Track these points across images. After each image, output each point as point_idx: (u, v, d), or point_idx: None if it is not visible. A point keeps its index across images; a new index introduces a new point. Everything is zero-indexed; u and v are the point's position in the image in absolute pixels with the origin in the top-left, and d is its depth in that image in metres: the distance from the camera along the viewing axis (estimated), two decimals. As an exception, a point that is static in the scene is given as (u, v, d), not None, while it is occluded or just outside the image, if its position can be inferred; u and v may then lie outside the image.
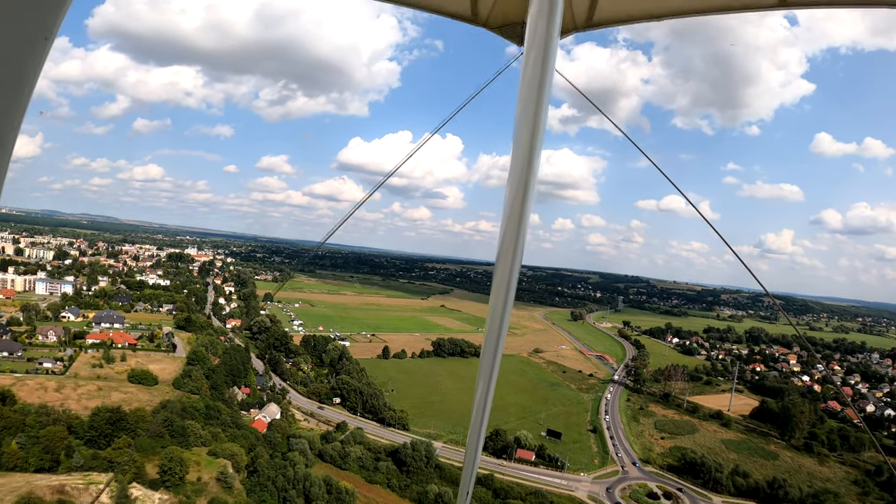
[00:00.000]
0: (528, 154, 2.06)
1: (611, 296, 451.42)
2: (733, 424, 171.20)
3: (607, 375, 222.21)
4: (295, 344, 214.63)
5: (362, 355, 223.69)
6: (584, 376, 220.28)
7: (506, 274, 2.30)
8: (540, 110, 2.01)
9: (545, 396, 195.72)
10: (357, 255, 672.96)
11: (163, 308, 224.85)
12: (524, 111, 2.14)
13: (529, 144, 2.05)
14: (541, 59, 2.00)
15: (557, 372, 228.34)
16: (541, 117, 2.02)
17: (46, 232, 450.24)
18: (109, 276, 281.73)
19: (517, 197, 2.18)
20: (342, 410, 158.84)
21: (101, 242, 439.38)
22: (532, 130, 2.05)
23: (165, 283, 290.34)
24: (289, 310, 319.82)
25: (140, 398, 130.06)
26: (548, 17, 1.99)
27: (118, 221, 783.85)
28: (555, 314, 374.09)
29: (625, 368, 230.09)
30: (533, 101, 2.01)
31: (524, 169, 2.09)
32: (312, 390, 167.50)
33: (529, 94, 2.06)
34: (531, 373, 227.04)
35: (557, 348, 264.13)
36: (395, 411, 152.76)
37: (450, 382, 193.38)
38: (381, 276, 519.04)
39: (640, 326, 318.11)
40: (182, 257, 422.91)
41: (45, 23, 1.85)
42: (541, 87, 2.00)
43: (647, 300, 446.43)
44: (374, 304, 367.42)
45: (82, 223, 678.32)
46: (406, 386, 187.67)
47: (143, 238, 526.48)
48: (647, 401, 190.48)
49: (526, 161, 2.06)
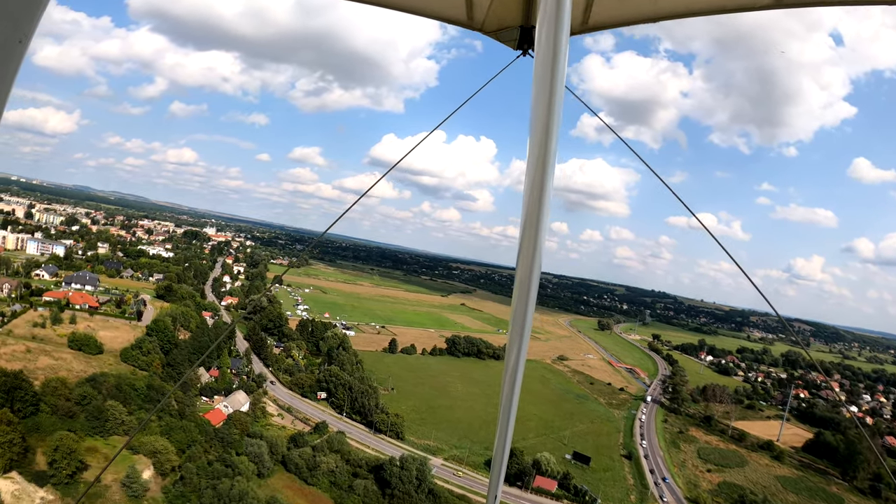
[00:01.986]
0: (542, 158, 2.05)
1: (637, 309, 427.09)
2: (786, 458, 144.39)
3: (639, 391, 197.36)
4: (290, 328, 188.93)
5: (365, 347, 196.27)
6: (614, 390, 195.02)
7: (526, 279, 2.29)
8: (553, 114, 2.00)
9: (570, 410, 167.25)
10: (381, 250, 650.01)
11: (152, 278, 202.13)
12: (537, 115, 2.13)
13: (544, 149, 2.04)
14: (551, 62, 1.98)
15: (584, 383, 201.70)
16: (554, 121, 2.01)
17: (70, 203, 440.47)
18: (111, 245, 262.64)
19: (533, 201, 2.21)
20: (326, 408, 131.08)
21: (120, 216, 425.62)
22: (545, 135, 2.03)
23: (168, 255, 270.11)
24: (297, 294, 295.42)
25: (72, 367, 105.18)
26: (556, 19, 1.97)
27: (148, 201, 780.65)
28: (580, 322, 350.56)
29: (659, 385, 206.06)
30: (545, 105, 2.01)
31: (539, 174, 2.10)
32: (297, 381, 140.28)
33: (541, 97, 2.05)
34: (555, 381, 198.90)
35: (584, 357, 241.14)
36: (389, 415, 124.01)
37: (461, 386, 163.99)
38: (402, 271, 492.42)
39: (670, 341, 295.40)
40: (198, 235, 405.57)
41: (20, 26, 1.81)
42: (552, 90, 1.98)
43: (675, 316, 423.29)
44: (391, 296, 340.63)
45: (110, 199, 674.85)
46: (409, 385, 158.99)
47: (167, 217, 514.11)
48: (687, 423, 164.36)
49: (541, 166, 2.06)
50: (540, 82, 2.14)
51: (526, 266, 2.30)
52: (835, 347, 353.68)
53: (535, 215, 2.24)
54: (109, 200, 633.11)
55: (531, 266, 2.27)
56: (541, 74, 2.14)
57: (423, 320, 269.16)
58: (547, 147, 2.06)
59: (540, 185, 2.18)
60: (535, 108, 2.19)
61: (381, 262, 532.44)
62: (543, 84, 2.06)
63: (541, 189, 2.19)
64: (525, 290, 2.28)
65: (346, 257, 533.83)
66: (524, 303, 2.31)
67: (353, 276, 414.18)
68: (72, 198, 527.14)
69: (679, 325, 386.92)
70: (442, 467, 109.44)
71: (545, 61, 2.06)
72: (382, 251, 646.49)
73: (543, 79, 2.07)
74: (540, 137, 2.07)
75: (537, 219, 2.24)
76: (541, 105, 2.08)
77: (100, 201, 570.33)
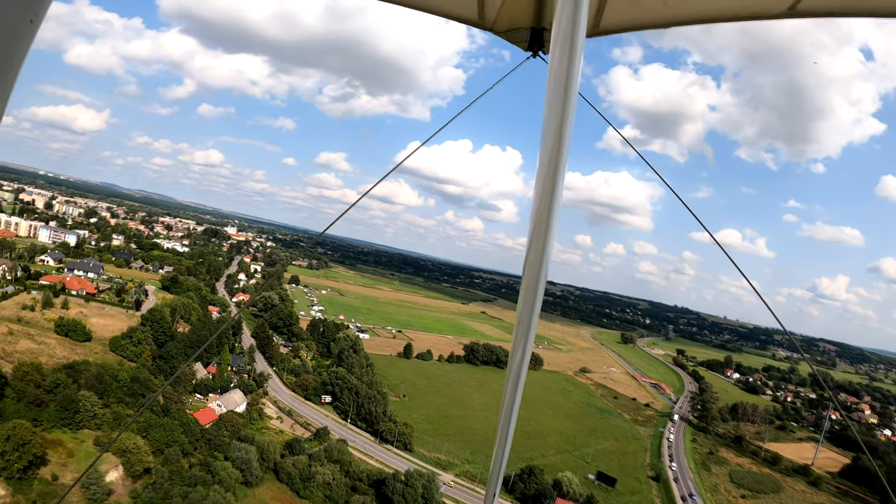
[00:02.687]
0: (555, 161, 2.02)
1: (660, 324, 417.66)
2: (823, 484, 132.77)
3: (665, 407, 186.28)
4: (301, 328, 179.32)
5: (378, 350, 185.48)
6: (639, 405, 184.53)
7: (532, 286, 2.26)
8: (566, 116, 1.98)
9: (593, 426, 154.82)
10: (403, 257, 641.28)
11: (162, 271, 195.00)
12: (549, 119, 2.11)
13: (556, 153, 2.02)
14: (566, 64, 1.97)
15: (608, 397, 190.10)
16: (567, 123, 2.00)
17: (93, 198, 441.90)
18: (126, 237, 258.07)
19: (543, 208, 2.16)
20: (330, 413, 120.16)
21: (142, 213, 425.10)
22: (558, 138, 2.01)
23: (184, 250, 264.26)
24: (313, 295, 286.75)
25: (54, 353, 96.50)
26: (571, 22, 1.96)
27: (174, 201, 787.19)
28: (603, 335, 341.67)
29: (686, 402, 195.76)
30: (559, 107, 2.00)
31: (549, 176, 2.06)
32: (301, 382, 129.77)
33: (555, 99, 2.03)
34: (577, 395, 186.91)
35: (607, 370, 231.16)
36: (397, 424, 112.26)
37: (478, 395, 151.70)
38: (423, 277, 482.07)
39: (695, 357, 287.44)
40: (217, 233, 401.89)
41: (32, 5, 1.80)
42: (567, 92, 1.97)
43: (698, 332, 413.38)
44: (410, 301, 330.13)
45: (135, 196, 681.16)
46: (422, 393, 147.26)
47: (191, 216, 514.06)
48: (717, 443, 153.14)
49: (553, 169, 2.03)
50: (554, 85, 2.11)
51: (533, 272, 2.24)
52: (861, 368, 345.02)
53: (544, 222, 2.16)
54: (135, 198, 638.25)
55: (538, 272, 2.21)
56: (555, 77, 2.11)
57: (441, 327, 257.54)
58: (559, 151, 2.01)
59: (550, 191, 2.10)
60: (548, 111, 2.16)
61: (402, 268, 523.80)
62: (557, 88, 2.03)
63: (551, 195, 2.11)
64: (531, 297, 2.24)
65: (368, 262, 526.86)
66: (529, 309, 2.30)
67: (373, 280, 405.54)
68: (97, 194, 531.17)
69: (702, 341, 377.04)
70: (452, 485, 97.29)
71: (560, 64, 2.04)
72: (404, 258, 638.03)
73: (557, 82, 2.04)
74: (552, 141, 2.04)
75: (546, 225, 2.16)
76: (554, 109, 2.05)
77: (125, 199, 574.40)
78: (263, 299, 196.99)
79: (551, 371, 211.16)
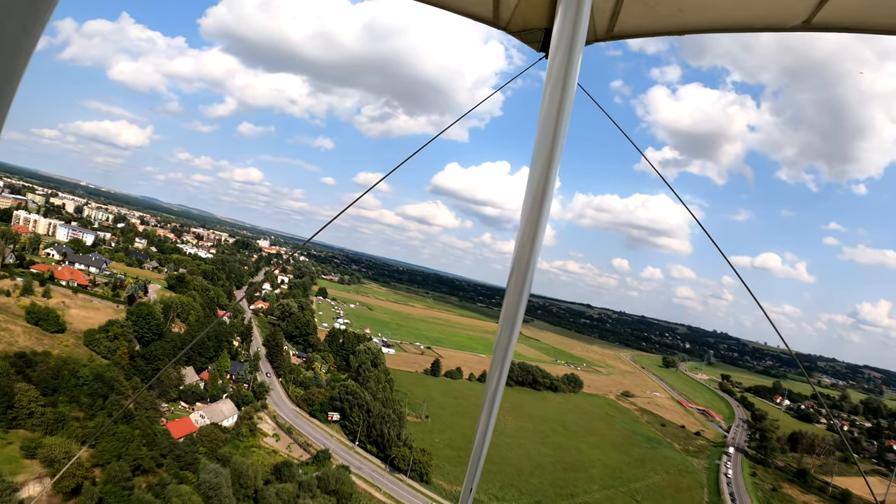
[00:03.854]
0: (546, 163, 2.00)
1: (701, 348, 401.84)
2: None
3: (717, 436, 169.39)
4: (318, 338, 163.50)
5: (404, 366, 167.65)
6: (689, 434, 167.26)
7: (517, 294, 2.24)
8: (561, 118, 1.97)
9: (641, 457, 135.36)
10: (438, 277, 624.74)
11: (175, 273, 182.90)
12: (546, 118, 2.10)
13: (549, 155, 2.00)
14: (564, 66, 1.97)
15: (654, 424, 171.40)
16: (562, 126, 1.98)
17: (129, 208, 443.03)
18: (149, 241, 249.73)
19: (533, 206, 2.14)
20: (338, 433, 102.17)
21: (175, 223, 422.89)
22: (552, 140, 1.99)
23: (207, 255, 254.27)
24: (340, 307, 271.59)
25: (15, 341, 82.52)
26: (573, 24, 1.96)
27: (212, 216, 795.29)
28: (643, 358, 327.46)
29: (740, 430, 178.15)
30: (555, 109, 1.98)
31: (541, 178, 2.04)
32: (308, 396, 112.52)
33: (552, 101, 2.01)
34: (621, 421, 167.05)
35: (651, 395, 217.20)
36: (413, 450, 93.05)
37: (511, 419, 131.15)
38: (458, 297, 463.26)
39: (740, 383, 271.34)
40: (249, 245, 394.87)
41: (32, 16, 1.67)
42: (563, 94, 1.96)
43: (740, 358, 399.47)
44: (442, 319, 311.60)
45: (173, 209, 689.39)
46: (448, 414, 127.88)
47: (226, 230, 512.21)
48: (778, 478, 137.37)
49: (544, 170, 2.01)
50: (551, 87, 2.07)
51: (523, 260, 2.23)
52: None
53: (532, 222, 2.11)
54: (173, 211, 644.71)
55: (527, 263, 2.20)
56: (553, 79, 2.08)
57: (474, 345, 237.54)
58: (552, 151, 1.98)
59: (541, 194, 2.04)
60: (544, 112, 2.12)
61: (437, 287, 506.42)
62: (554, 90, 2.00)
63: (541, 198, 2.05)
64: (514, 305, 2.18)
65: (402, 280, 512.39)
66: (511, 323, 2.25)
67: (406, 297, 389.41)
68: (136, 206, 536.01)
69: (745, 366, 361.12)
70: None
71: (559, 65, 2.02)
72: (440, 277, 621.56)
73: (555, 84, 2.01)
74: (547, 143, 2.01)
75: (534, 228, 2.10)
76: (550, 111, 2.01)
77: (164, 212, 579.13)
78: (281, 307, 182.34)
79: (592, 394, 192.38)
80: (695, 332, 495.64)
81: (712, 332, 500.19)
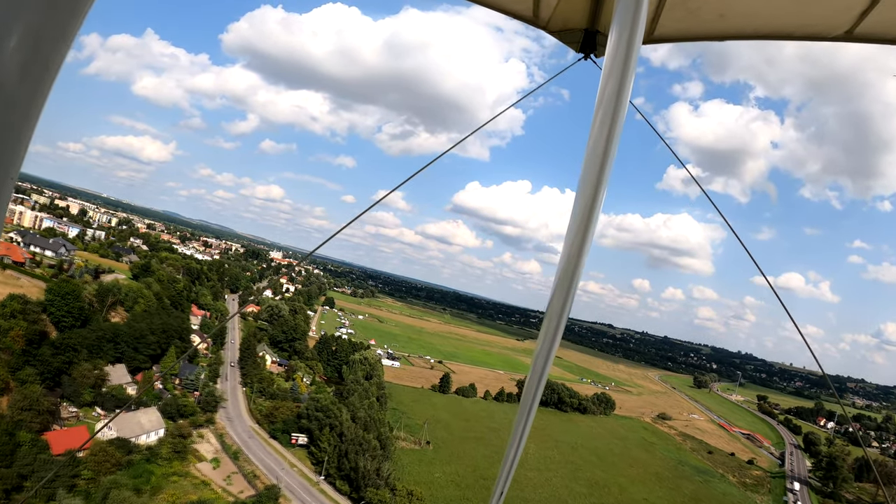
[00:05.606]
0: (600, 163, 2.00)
1: (728, 369, 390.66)
2: None
3: (771, 465, 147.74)
4: (307, 345, 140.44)
5: (407, 381, 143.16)
6: (741, 462, 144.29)
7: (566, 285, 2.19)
8: (617, 121, 1.97)
9: (695, 494, 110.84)
10: (457, 295, 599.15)
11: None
12: (599, 121, 2.10)
13: (602, 154, 2.00)
14: (620, 68, 1.96)
15: (700, 451, 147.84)
16: (617, 127, 1.98)
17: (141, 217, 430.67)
18: (143, 240, 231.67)
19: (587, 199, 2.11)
20: (303, 461, 77.43)
21: (187, 232, 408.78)
22: (606, 141, 2.00)
23: (203, 257, 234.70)
24: (347, 318, 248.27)
25: None
26: (631, 26, 1.95)
27: (232, 231, 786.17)
28: (672, 378, 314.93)
29: (794, 457, 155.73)
30: (610, 111, 1.98)
31: (596, 176, 2.04)
32: (271, 411, 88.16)
33: (609, 102, 2.01)
34: (662, 448, 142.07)
35: (688, 417, 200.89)
36: (395, 491, 67.68)
37: (534, 447, 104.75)
38: (476, 314, 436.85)
39: (778, 404, 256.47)
40: (258, 255, 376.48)
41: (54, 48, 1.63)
42: (619, 95, 1.96)
43: (769, 379, 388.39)
44: (458, 334, 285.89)
45: (193, 223, 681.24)
46: (456, 440, 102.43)
47: (244, 244, 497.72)
48: None
49: (597, 172, 2.02)
50: (606, 90, 2.08)
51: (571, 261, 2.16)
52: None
53: (583, 227, 2.09)
54: (193, 225, 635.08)
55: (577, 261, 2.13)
56: (609, 81, 2.07)
57: (491, 360, 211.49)
58: (606, 152, 1.99)
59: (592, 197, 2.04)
60: (598, 115, 2.13)
61: (456, 304, 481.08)
62: (610, 92, 2.01)
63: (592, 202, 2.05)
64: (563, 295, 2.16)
65: (419, 297, 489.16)
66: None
67: (422, 312, 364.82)
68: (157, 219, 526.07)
69: (776, 388, 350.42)
70: None
71: (615, 68, 2.01)
72: (458, 295, 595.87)
73: (611, 86, 2.01)
74: (601, 144, 2.01)
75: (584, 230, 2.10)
76: (604, 113, 2.02)
77: (184, 226, 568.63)
78: (270, 309, 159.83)
79: (625, 416, 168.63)
80: (719, 352, 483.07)
81: (737, 353, 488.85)
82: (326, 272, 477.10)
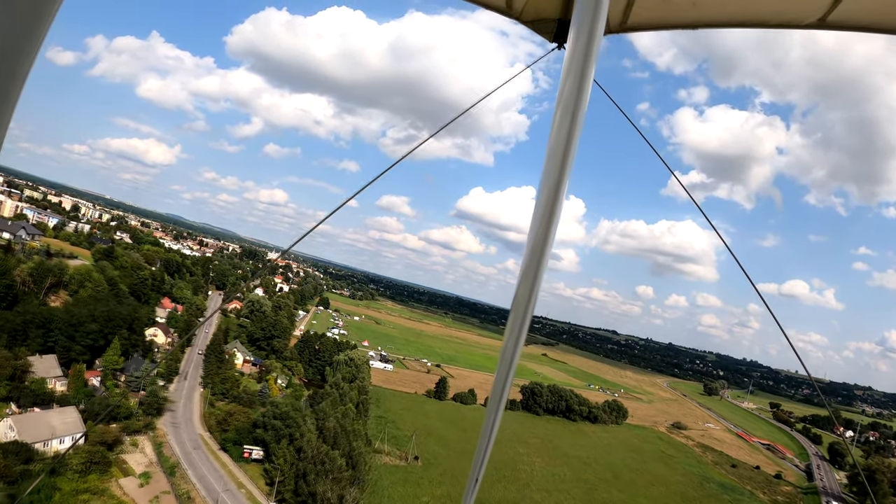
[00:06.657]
0: (562, 153, 1.99)
1: (735, 376, 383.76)
2: None
3: (799, 479, 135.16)
4: (286, 343, 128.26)
5: (399, 385, 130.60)
6: (768, 477, 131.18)
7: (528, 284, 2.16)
8: (578, 111, 1.95)
9: None
10: (460, 300, 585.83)
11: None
12: (565, 107, 2.07)
13: (564, 143, 1.98)
14: (582, 58, 1.94)
15: (723, 465, 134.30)
16: (579, 114, 1.96)
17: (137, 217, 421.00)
18: (129, 234, 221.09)
19: (549, 195, 2.08)
20: (254, 480, 64.69)
21: (185, 232, 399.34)
22: (569, 128, 1.97)
23: (192, 253, 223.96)
24: (341, 319, 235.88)
25: None
26: (592, 14, 1.93)
27: (236, 235, 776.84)
28: (681, 385, 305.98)
29: (822, 470, 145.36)
30: (572, 101, 1.95)
31: (558, 167, 2.01)
32: (224, 418, 75.40)
33: (571, 91, 1.99)
34: (682, 462, 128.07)
35: (703, 426, 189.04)
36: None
37: (539, 461, 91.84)
38: (479, 318, 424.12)
39: (791, 412, 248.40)
40: (255, 255, 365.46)
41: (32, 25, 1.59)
42: (581, 84, 1.94)
43: (776, 386, 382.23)
44: (459, 337, 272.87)
45: (196, 226, 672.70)
46: (451, 453, 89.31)
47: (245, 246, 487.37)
48: None
49: (559, 162, 1.99)
50: (568, 78, 2.06)
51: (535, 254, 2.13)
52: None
53: (545, 219, 2.06)
54: (195, 227, 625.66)
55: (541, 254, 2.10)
56: (570, 70, 2.05)
57: (492, 364, 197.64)
58: (569, 141, 1.96)
59: (559, 177, 2.01)
60: (561, 104, 2.12)
61: (458, 309, 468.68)
62: (572, 81, 1.98)
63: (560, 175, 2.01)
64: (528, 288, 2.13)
65: (421, 301, 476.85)
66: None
67: (422, 315, 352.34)
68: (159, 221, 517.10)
69: (784, 395, 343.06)
70: None
71: (576, 57, 1.99)
72: (461, 300, 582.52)
73: (573, 75, 1.99)
74: (563, 134, 1.98)
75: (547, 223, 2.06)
76: (566, 102, 2.00)
77: (187, 228, 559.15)
78: (250, 304, 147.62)
79: (638, 426, 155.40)
80: (724, 359, 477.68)
81: (742, 360, 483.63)
82: (327, 275, 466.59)
